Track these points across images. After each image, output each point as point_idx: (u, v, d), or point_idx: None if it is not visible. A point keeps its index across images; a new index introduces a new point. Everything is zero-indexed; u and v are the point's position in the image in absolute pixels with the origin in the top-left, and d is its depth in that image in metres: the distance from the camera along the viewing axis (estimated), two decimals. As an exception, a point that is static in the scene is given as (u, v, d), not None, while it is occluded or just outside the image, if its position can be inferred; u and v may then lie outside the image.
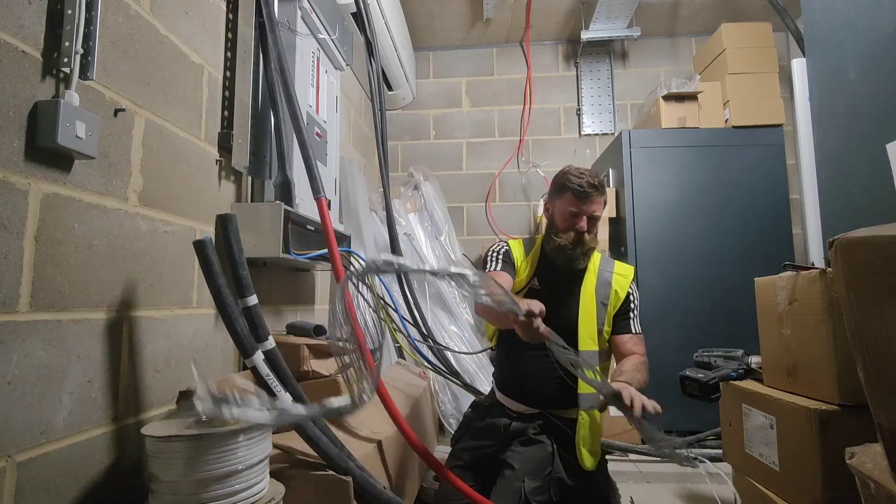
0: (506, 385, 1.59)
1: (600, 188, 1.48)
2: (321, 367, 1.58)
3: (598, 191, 1.47)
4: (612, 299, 1.46)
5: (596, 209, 1.47)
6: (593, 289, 1.47)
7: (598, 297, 1.46)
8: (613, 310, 1.47)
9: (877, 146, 1.45)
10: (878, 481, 0.74)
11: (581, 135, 3.84)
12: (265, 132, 1.64)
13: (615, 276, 1.49)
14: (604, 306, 1.46)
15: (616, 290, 1.47)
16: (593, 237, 1.49)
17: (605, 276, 1.49)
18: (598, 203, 1.47)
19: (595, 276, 1.49)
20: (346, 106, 2.89)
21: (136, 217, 1.19)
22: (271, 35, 1.53)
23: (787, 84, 3.02)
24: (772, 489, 1.41)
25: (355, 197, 2.53)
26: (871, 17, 1.48)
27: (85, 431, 1.03)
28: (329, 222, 1.42)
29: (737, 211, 2.94)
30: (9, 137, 0.89)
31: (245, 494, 1.01)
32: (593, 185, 1.46)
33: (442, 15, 3.57)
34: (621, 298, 1.46)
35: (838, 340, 1.24)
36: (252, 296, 1.26)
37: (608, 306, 1.46)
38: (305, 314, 2.17)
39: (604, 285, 1.47)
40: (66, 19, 0.98)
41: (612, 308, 1.46)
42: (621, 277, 1.48)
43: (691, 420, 2.68)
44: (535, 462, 1.39)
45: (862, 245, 0.73)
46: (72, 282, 1.01)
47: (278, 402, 1.00)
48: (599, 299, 1.46)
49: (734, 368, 1.68)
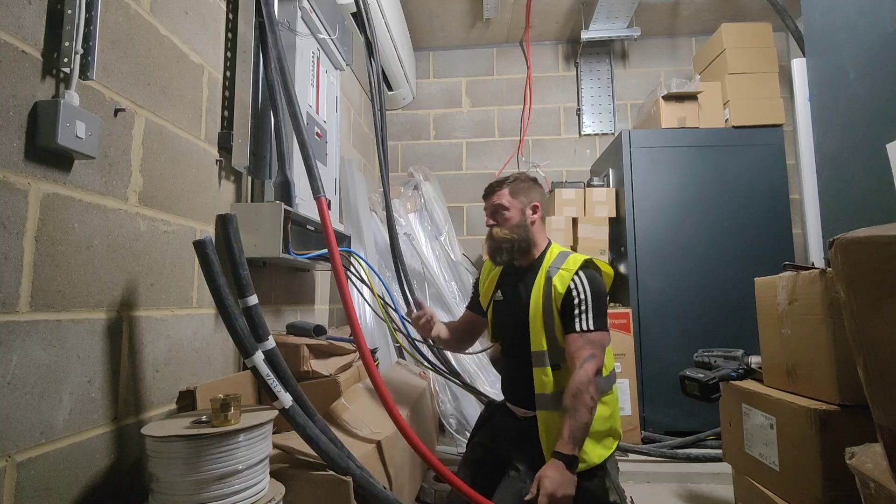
0: (504, 390, 1.65)
1: (504, 182, 1.55)
2: (321, 367, 1.58)
3: (500, 185, 1.55)
4: (553, 295, 1.42)
5: (495, 199, 1.53)
6: (541, 287, 1.45)
7: (543, 296, 1.44)
8: (557, 306, 1.42)
9: (877, 146, 1.45)
10: (878, 481, 0.74)
11: (581, 135, 3.84)
12: (265, 132, 1.64)
13: (560, 271, 1.44)
14: (548, 306, 1.43)
15: (556, 286, 1.42)
16: (502, 228, 1.52)
17: (552, 272, 1.46)
18: (500, 194, 1.53)
19: (543, 278, 1.46)
20: (346, 106, 2.89)
21: (136, 217, 1.19)
22: (271, 35, 1.53)
23: (787, 84, 3.03)
24: (772, 489, 1.41)
25: (355, 197, 2.53)
26: (871, 17, 1.48)
27: (85, 431, 1.03)
28: (329, 222, 1.42)
29: (737, 211, 2.95)
30: (9, 137, 0.89)
31: (245, 494, 1.01)
32: (496, 182, 1.56)
33: (442, 15, 3.57)
34: (561, 294, 1.41)
35: (838, 340, 1.24)
36: (252, 296, 1.26)
37: (551, 305, 1.42)
38: (305, 314, 2.17)
39: (549, 282, 1.44)
40: (66, 19, 0.98)
41: (555, 304, 1.42)
42: (564, 272, 1.44)
43: (691, 420, 2.68)
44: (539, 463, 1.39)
45: (862, 245, 0.73)
46: (72, 282, 1.01)
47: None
48: (545, 297, 1.43)
49: (734, 368, 1.69)
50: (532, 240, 1.53)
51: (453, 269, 2.99)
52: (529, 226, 1.53)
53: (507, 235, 1.51)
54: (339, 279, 1.43)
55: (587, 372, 1.33)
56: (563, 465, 1.27)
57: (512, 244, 1.51)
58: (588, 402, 1.30)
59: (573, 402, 1.31)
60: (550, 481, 1.24)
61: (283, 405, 1.20)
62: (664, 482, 2.27)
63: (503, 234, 1.51)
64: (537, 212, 1.54)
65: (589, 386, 1.31)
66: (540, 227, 1.57)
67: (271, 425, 1.12)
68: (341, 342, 1.71)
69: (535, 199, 1.55)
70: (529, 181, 1.58)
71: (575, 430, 1.30)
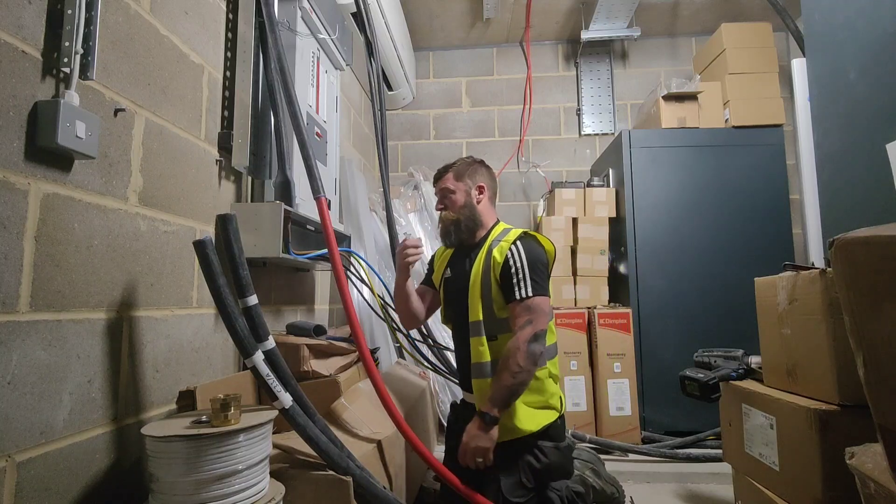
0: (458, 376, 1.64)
1: (449, 167, 1.61)
2: (321, 367, 1.58)
3: (446, 170, 1.60)
4: (492, 266, 1.45)
5: (442, 184, 1.59)
6: (482, 260, 1.48)
7: (483, 266, 1.47)
8: (496, 275, 1.45)
9: (877, 146, 1.45)
10: (878, 481, 0.74)
11: (581, 135, 3.84)
12: (265, 132, 1.64)
13: (500, 243, 1.48)
14: (486, 276, 1.46)
15: (495, 257, 1.45)
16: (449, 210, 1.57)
17: (493, 245, 1.49)
18: (445, 178, 1.59)
19: (486, 252, 1.50)
20: (346, 106, 2.89)
21: (136, 217, 1.19)
22: (271, 35, 1.53)
23: (787, 84, 3.03)
24: (772, 489, 1.41)
25: (355, 197, 2.53)
26: (871, 17, 1.48)
27: (85, 431, 1.03)
28: (329, 222, 1.42)
29: (737, 211, 2.95)
30: (9, 137, 0.89)
31: (245, 494, 1.01)
32: (442, 167, 1.62)
33: (442, 15, 3.57)
34: (499, 263, 1.44)
35: (838, 340, 1.24)
36: (252, 296, 1.26)
37: (490, 274, 1.45)
38: (305, 314, 2.17)
39: (489, 254, 1.48)
40: (66, 19, 0.98)
41: (494, 274, 1.45)
42: (504, 243, 1.47)
43: (691, 420, 2.68)
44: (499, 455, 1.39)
45: (862, 245, 0.73)
46: (72, 282, 1.01)
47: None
48: (485, 268, 1.47)
49: (734, 368, 1.69)
50: (478, 219, 1.57)
51: (453, 269, 2.99)
52: (475, 205, 1.57)
53: (453, 217, 1.56)
54: (339, 279, 1.43)
55: (518, 338, 1.36)
56: (480, 421, 1.34)
57: (458, 224, 1.55)
58: (512, 367, 1.34)
59: (501, 364, 1.37)
60: (466, 434, 1.36)
61: (283, 405, 1.20)
62: (664, 482, 2.27)
63: (450, 215, 1.56)
64: (483, 192, 1.58)
65: (517, 352, 1.34)
66: (487, 206, 1.60)
67: (271, 425, 1.12)
68: (341, 342, 1.71)
69: (480, 181, 1.59)
70: (475, 164, 1.63)
71: (495, 390, 1.35)
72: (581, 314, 2.82)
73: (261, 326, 1.26)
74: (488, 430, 1.34)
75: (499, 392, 1.34)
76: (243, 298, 1.26)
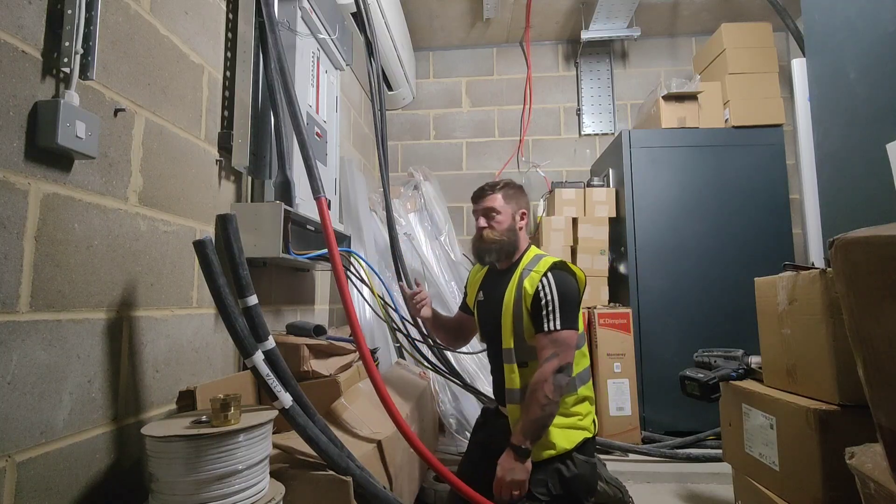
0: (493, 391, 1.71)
1: (495, 187, 1.62)
2: (321, 367, 1.58)
3: (492, 189, 1.61)
4: (523, 296, 1.49)
5: (488, 203, 1.60)
6: (514, 288, 1.52)
7: (515, 296, 1.51)
8: (527, 306, 1.48)
9: (877, 146, 1.45)
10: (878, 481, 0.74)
11: (581, 135, 3.84)
12: (265, 132, 1.64)
13: (531, 273, 1.51)
14: (517, 305, 1.50)
15: (526, 287, 1.49)
16: (494, 230, 1.58)
17: (524, 274, 1.52)
18: (492, 198, 1.60)
19: (517, 280, 1.53)
20: (346, 106, 2.89)
21: (136, 217, 1.19)
22: (271, 35, 1.53)
23: (787, 84, 3.03)
24: (772, 489, 1.41)
25: (355, 197, 2.53)
26: (871, 17, 1.48)
27: (85, 431, 1.03)
28: (329, 222, 1.42)
29: (737, 211, 2.95)
30: (9, 137, 0.89)
31: (245, 494, 1.01)
32: (488, 186, 1.63)
33: (442, 15, 3.57)
34: (530, 294, 1.47)
35: (838, 340, 1.24)
36: (252, 296, 1.26)
37: (521, 304, 1.49)
38: (305, 314, 2.17)
39: (520, 283, 1.51)
40: (66, 19, 0.98)
41: (525, 304, 1.49)
42: (535, 273, 1.50)
43: (691, 420, 2.68)
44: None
45: (862, 245, 0.73)
46: (72, 282, 1.01)
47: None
48: (516, 297, 1.50)
49: (734, 368, 1.69)
50: (517, 244, 1.61)
51: (453, 269, 2.99)
52: (518, 231, 1.61)
53: (497, 238, 1.58)
54: (339, 279, 1.43)
55: (544, 371, 1.41)
56: (513, 454, 1.39)
57: (501, 246, 1.58)
58: (540, 399, 1.38)
59: (529, 398, 1.42)
60: (501, 468, 1.40)
61: (283, 405, 1.20)
62: (664, 482, 2.27)
63: (494, 236, 1.58)
64: (524, 218, 1.63)
65: (543, 384, 1.39)
66: (524, 233, 1.65)
67: (271, 425, 1.12)
68: (341, 342, 1.71)
69: (523, 207, 1.64)
70: (519, 189, 1.67)
71: (525, 423, 1.40)
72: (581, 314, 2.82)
73: (261, 326, 1.26)
74: (523, 461, 1.38)
75: (530, 426, 1.39)
76: (243, 298, 1.26)
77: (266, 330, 1.27)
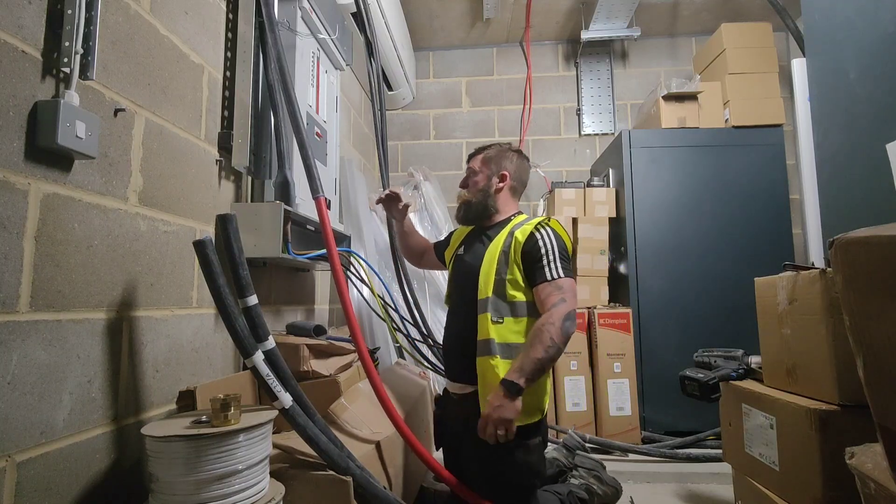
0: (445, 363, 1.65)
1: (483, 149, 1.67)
2: (321, 367, 1.58)
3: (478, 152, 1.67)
4: (512, 246, 1.46)
5: (470, 163, 1.67)
6: (500, 242, 1.50)
7: (502, 248, 1.48)
8: (516, 255, 1.45)
9: (877, 146, 1.45)
10: (878, 481, 0.74)
11: (581, 135, 3.84)
12: (265, 132, 1.64)
13: (522, 227, 1.49)
14: (505, 255, 1.46)
15: (517, 236, 1.46)
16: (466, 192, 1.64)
17: (514, 228, 1.51)
18: (474, 160, 1.66)
19: (506, 233, 1.51)
20: (346, 106, 2.89)
21: (136, 217, 1.19)
22: (271, 35, 1.53)
23: (787, 84, 3.03)
24: (772, 489, 1.41)
25: (355, 197, 2.53)
26: (871, 17, 1.48)
27: (85, 431, 1.03)
28: (328, 222, 1.42)
29: (737, 211, 2.94)
30: (9, 137, 0.89)
31: (245, 494, 1.01)
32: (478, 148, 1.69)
33: (442, 15, 3.57)
34: (521, 242, 1.44)
35: (838, 340, 1.24)
36: (252, 296, 1.26)
37: (509, 253, 1.46)
38: (305, 314, 2.17)
39: (509, 236, 1.49)
40: (66, 19, 0.98)
41: (513, 254, 1.45)
42: (527, 225, 1.49)
43: (691, 420, 2.68)
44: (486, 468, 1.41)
45: (862, 245, 0.73)
46: (72, 282, 1.01)
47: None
48: (503, 249, 1.48)
49: (734, 368, 1.68)
50: (492, 206, 1.61)
51: (453, 269, 2.99)
52: (493, 193, 1.61)
53: (466, 197, 1.63)
54: (338, 279, 1.43)
55: (553, 314, 1.35)
56: (503, 390, 1.30)
57: (468, 205, 1.62)
58: (545, 341, 1.32)
59: (532, 336, 1.35)
60: (489, 406, 1.31)
61: (283, 405, 1.20)
62: (664, 482, 2.27)
63: (464, 195, 1.64)
64: (505, 181, 1.61)
65: (551, 326, 1.33)
66: (506, 196, 1.63)
67: (271, 425, 1.12)
68: (341, 342, 1.71)
69: (505, 169, 1.62)
70: (508, 152, 1.65)
71: (525, 361, 1.32)
72: (581, 314, 2.82)
73: (261, 326, 1.26)
74: (513, 399, 1.29)
75: (529, 363, 1.31)
76: (243, 298, 1.26)
77: (266, 330, 1.27)
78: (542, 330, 1.33)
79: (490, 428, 1.30)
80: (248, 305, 1.25)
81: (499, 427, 1.29)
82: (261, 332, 1.25)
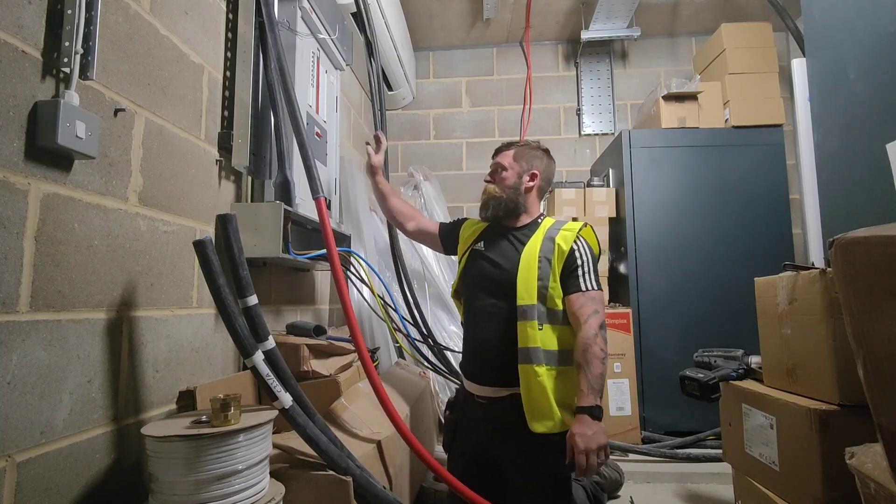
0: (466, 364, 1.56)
1: (512, 144, 1.62)
2: (321, 367, 1.58)
3: (509, 147, 1.62)
4: (555, 253, 1.43)
5: (499, 158, 1.60)
6: (537, 246, 1.46)
7: (541, 253, 1.44)
8: (559, 264, 1.42)
9: (877, 146, 1.45)
10: (878, 481, 0.74)
11: (581, 135, 3.84)
12: (265, 132, 1.64)
13: (561, 232, 1.47)
14: (547, 261, 1.43)
15: (559, 244, 1.44)
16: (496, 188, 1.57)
17: (552, 233, 1.48)
18: (505, 155, 1.60)
19: (542, 236, 1.48)
20: (346, 106, 2.89)
21: (136, 217, 1.19)
22: (271, 35, 1.53)
23: (787, 84, 3.03)
24: (772, 489, 1.41)
25: (355, 197, 2.53)
26: (871, 17, 1.48)
27: (85, 431, 1.03)
28: (328, 223, 1.42)
29: (737, 211, 2.95)
30: (9, 137, 0.89)
31: (245, 494, 1.01)
32: (506, 143, 1.64)
33: (442, 15, 3.57)
34: (565, 252, 1.42)
35: (838, 340, 1.24)
36: (252, 296, 1.26)
37: (552, 261, 1.43)
38: (305, 314, 2.17)
39: (548, 242, 1.46)
40: (66, 19, 0.98)
41: (556, 262, 1.42)
42: (567, 232, 1.46)
43: (691, 420, 2.68)
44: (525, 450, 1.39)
45: (862, 245, 0.73)
46: (72, 282, 1.01)
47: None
48: (542, 254, 1.44)
49: (734, 368, 1.68)
50: (522, 204, 1.56)
51: (453, 269, 2.99)
52: (523, 191, 1.56)
53: (496, 193, 1.56)
54: (338, 280, 1.43)
55: (591, 325, 1.36)
56: (588, 418, 1.29)
57: (499, 202, 1.55)
58: (598, 354, 1.33)
59: (584, 356, 1.34)
60: (581, 438, 1.27)
61: (283, 405, 1.20)
62: (664, 482, 2.27)
63: (494, 191, 1.57)
64: (534, 180, 1.57)
65: (596, 338, 1.34)
66: (535, 196, 1.59)
67: (271, 425, 1.12)
68: (341, 342, 1.71)
69: (536, 168, 1.58)
70: (539, 150, 1.61)
71: (592, 381, 1.32)
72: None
73: (261, 326, 1.26)
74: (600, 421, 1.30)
75: (596, 381, 1.32)
76: (243, 298, 1.26)
77: (266, 330, 1.27)
78: (589, 345, 1.34)
79: (592, 458, 1.27)
80: (248, 305, 1.25)
81: (601, 455, 1.28)
82: (261, 332, 1.25)
